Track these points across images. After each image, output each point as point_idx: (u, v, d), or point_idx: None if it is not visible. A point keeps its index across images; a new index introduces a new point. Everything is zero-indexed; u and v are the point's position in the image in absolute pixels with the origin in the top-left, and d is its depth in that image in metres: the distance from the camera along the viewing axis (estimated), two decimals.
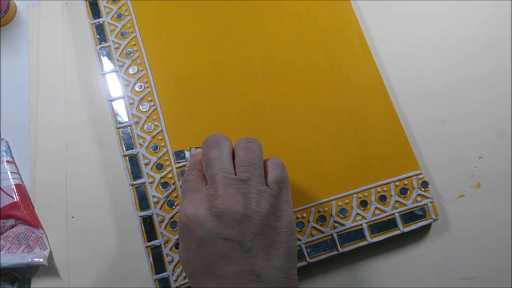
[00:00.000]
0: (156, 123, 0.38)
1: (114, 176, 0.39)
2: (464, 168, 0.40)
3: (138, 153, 0.38)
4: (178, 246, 0.35)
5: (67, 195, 0.39)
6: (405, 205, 0.37)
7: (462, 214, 0.39)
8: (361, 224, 0.36)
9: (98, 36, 0.41)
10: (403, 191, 0.37)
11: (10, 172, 0.39)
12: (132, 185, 0.37)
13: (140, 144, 0.38)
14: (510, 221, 0.38)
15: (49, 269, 0.37)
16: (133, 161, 0.37)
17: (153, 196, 0.36)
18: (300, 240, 0.36)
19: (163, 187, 0.37)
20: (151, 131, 0.38)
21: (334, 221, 0.36)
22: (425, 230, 0.38)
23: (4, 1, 0.43)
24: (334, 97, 0.40)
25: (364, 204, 0.37)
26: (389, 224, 0.36)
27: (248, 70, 0.40)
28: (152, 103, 0.39)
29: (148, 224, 0.36)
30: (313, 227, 0.36)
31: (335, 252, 0.36)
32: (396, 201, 0.37)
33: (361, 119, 0.39)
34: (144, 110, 0.39)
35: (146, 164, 0.37)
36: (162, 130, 0.38)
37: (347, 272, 0.37)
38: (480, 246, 0.38)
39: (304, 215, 0.36)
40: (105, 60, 0.40)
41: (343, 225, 0.36)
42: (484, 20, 0.44)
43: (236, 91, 0.40)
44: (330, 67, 0.41)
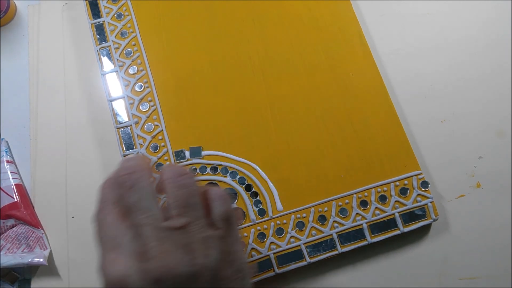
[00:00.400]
0: (156, 123, 0.38)
1: None
2: (464, 168, 0.40)
3: (138, 153, 0.38)
4: None
5: (67, 195, 0.39)
6: (405, 205, 0.37)
7: (462, 214, 0.38)
8: (361, 224, 0.36)
9: (98, 36, 0.41)
10: (403, 191, 0.37)
11: (10, 172, 0.39)
12: None
13: (140, 144, 0.38)
14: (510, 221, 0.38)
15: (49, 269, 0.37)
16: None
17: None
18: (300, 240, 0.36)
19: None
20: (151, 131, 0.38)
21: (334, 221, 0.36)
22: (425, 230, 0.38)
23: (4, 1, 0.43)
24: (334, 97, 0.40)
25: (364, 204, 0.37)
26: (389, 224, 0.36)
27: (248, 70, 0.40)
28: (152, 103, 0.39)
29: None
30: (313, 227, 0.36)
31: (335, 252, 0.36)
32: (396, 201, 0.37)
33: (361, 119, 0.39)
34: (144, 110, 0.39)
35: None
36: (162, 130, 0.38)
37: (347, 272, 0.37)
38: (480, 246, 0.38)
39: (304, 215, 0.36)
40: (105, 60, 0.40)
41: (343, 225, 0.36)
42: (484, 20, 0.44)
43: (236, 91, 0.40)
44: (330, 67, 0.41)
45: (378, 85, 0.40)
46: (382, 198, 0.37)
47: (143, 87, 0.39)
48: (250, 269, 0.23)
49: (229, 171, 0.37)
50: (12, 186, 0.38)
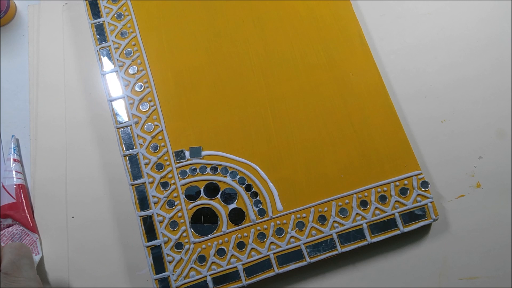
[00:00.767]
0: (156, 123, 0.38)
1: (114, 176, 0.39)
2: (464, 168, 0.40)
3: (138, 153, 0.38)
4: (179, 247, 0.35)
5: (67, 195, 0.39)
6: (405, 205, 0.37)
7: (462, 214, 0.38)
8: (361, 224, 0.36)
9: (98, 36, 0.41)
10: (403, 191, 0.37)
11: (15, 171, 0.39)
12: (132, 185, 0.37)
13: (140, 144, 0.38)
14: (510, 221, 0.38)
15: (49, 269, 0.37)
16: (133, 161, 0.37)
17: (153, 196, 0.36)
18: (300, 240, 0.36)
19: (163, 187, 0.37)
20: (151, 131, 0.38)
21: (334, 221, 0.36)
22: (425, 230, 0.38)
23: (4, 1, 0.43)
24: (334, 97, 0.40)
25: (364, 204, 0.37)
26: (389, 224, 0.36)
27: (248, 70, 0.40)
28: (152, 103, 0.39)
29: (148, 224, 0.36)
30: (313, 227, 0.36)
31: (335, 252, 0.36)
32: (396, 201, 0.37)
33: (361, 119, 0.39)
34: (144, 110, 0.39)
35: (146, 164, 0.37)
36: (162, 130, 0.38)
37: (347, 272, 0.37)
38: (480, 246, 0.38)
39: (304, 215, 0.36)
40: (105, 60, 0.40)
41: (343, 225, 0.36)
42: (484, 20, 0.44)
43: (236, 91, 0.40)
44: (330, 67, 0.41)
45: (378, 85, 0.40)
46: (382, 198, 0.37)
47: (143, 87, 0.39)
48: None
49: (229, 171, 0.37)
50: (15, 186, 0.38)
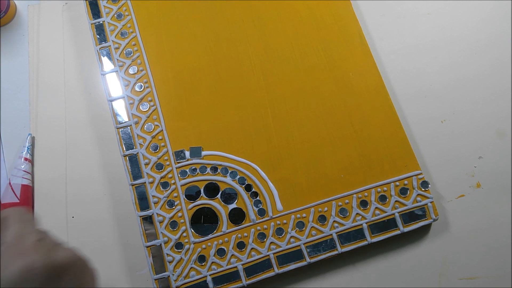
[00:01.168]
0: (156, 123, 0.38)
1: (114, 176, 0.39)
2: (464, 168, 0.40)
3: (138, 153, 0.38)
4: (179, 247, 0.35)
5: (67, 195, 0.39)
6: (405, 205, 0.37)
7: (462, 214, 0.38)
8: (361, 224, 0.36)
9: (98, 36, 0.41)
10: (403, 191, 0.37)
11: (24, 171, 0.39)
12: (132, 185, 0.37)
13: (140, 144, 0.38)
14: (510, 221, 0.38)
15: None
16: (133, 161, 0.37)
17: (153, 196, 0.36)
18: (300, 240, 0.36)
19: (163, 187, 0.37)
20: (151, 131, 0.38)
21: (334, 221, 0.36)
22: (425, 230, 0.38)
23: (4, 1, 0.43)
24: (334, 97, 0.40)
25: (364, 204, 0.37)
26: (389, 224, 0.36)
27: (248, 70, 0.40)
28: (152, 103, 0.39)
29: (148, 224, 0.36)
30: (313, 227, 0.36)
31: (335, 252, 0.36)
32: (396, 201, 0.37)
33: (361, 119, 0.39)
34: (144, 110, 0.39)
35: (146, 164, 0.37)
36: (162, 130, 0.38)
37: (347, 272, 0.37)
38: (480, 246, 0.38)
39: (304, 215, 0.36)
40: (105, 60, 0.40)
41: (343, 225, 0.36)
42: (484, 20, 0.44)
43: (236, 91, 0.40)
44: (330, 67, 0.41)
45: (378, 85, 0.40)
46: (382, 198, 0.37)
47: (143, 87, 0.39)
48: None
49: (229, 171, 0.37)
50: (20, 186, 0.38)
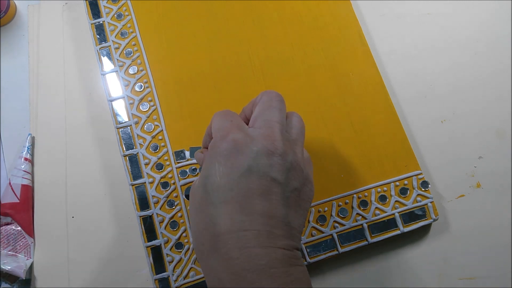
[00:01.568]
0: (156, 123, 0.38)
1: (114, 176, 0.39)
2: (464, 168, 0.40)
3: (138, 153, 0.38)
4: (179, 247, 0.35)
5: (67, 195, 0.39)
6: (405, 205, 0.37)
7: (462, 214, 0.39)
8: (361, 224, 0.36)
9: (98, 36, 0.41)
10: (403, 191, 0.37)
11: (24, 171, 0.39)
12: (132, 185, 0.37)
13: (140, 144, 0.38)
14: (510, 221, 0.38)
15: (49, 269, 0.37)
16: (133, 161, 0.37)
17: (153, 196, 0.36)
18: (300, 240, 0.36)
19: (163, 187, 0.37)
20: (151, 131, 0.38)
21: (334, 221, 0.36)
22: (425, 230, 0.38)
23: (4, 1, 0.43)
24: (334, 97, 0.40)
25: (364, 204, 0.37)
26: (389, 224, 0.36)
27: (248, 70, 0.40)
28: (152, 103, 0.39)
29: (148, 224, 0.36)
30: (313, 227, 0.36)
31: (335, 252, 0.36)
32: (396, 201, 0.37)
33: (361, 119, 0.39)
34: (144, 110, 0.39)
35: (146, 164, 0.37)
36: (162, 130, 0.38)
37: (347, 272, 0.37)
38: (480, 246, 0.38)
39: None
40: (105, 60, 0.40)
41: (343, 225, 0.36)
42: (484, 20, 0.44)
43: (236, 91, 0.40)
44: (330, 67, 0.41)
45: (378, 85, 0.40)
46: (382, 198, 0.37)
47: (143, 87, 0.39)
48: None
49: None
50: (20, 186, 0.38)
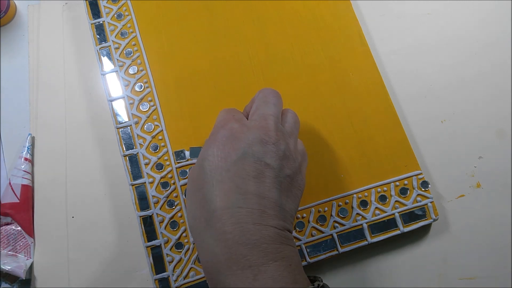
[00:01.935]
0: (156, 123, 0.38)
1: (114, 176, 0.39)
2: (464, 168, 0.40)
3: (138, 153, 0.38)
4: (179, 247, 0.35)
5: (67, 195, 0.39)
6: (405, 205, 0.37)
7: (462, 214, 0.39)
8: (361, 224, 0.36)
9: (98, 36, 0.41)
10: (403, 191, 0.37)
11: (24, 171, 0.39)
12: (132, 185, 0.37)
13: (140, 144, 0.38)
14: (510, 221, 0.38)
15: (49, 269, 0.37)
16: (133, 161, 0.37)
17: (153, 196, 0.36)
18: (300, 240, 0.36)
19: (163, 187, 0.37)
20: (151, 131, 0.38)
21: (334, 221, 0.36)
22: (425, 230, 0.38)
23: (4, 1, 0.43)
24: (334, 97, 0.40)
25: (364, 204, 0.37)
26: (389, 224, 0.36)
27: (248, 70, 0.40)
28: (152, 103, 0.39)
29: (148, 224, 0.36)
30: (313, 227, 0.36)
31: (335, 252, 0.36)
32: (396, 201, 0.37)
33: (361, 119, 0.39)
34: (144, 110, 0.39)
35: (146, 164, 0.37)
36: (162, 130, 0.38)
37: (347, 272, 0.37)
38: (480, 246, 0.38)
39: (304, 215, 0.36)
40: (105, 60, 0.40)
41: (343, 225, 0.36)
42: (484, 20, 0.44)
43: (236, 91, 0.40)
44: (330, 67, 0.41)
45: (378, 85, 0.40)
46: (382, 198, 0.37)
47: (143, 87, 0.39)
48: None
49: None
50: (20, 186, 0.38)
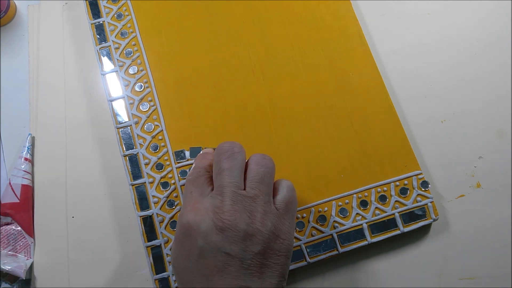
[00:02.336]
0: (156, 123, 0.39)
1: (114, 176, 0.39)
2: (464, 168, 0.40)
3: (138, 153, 0.38)
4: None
5: (67, 195, 0.39)
6: (405, 205, 0.37)
7: (462, 214, 0.39)
8: (361, 224, 0.36)
9: (98, 36, 0.41)
10: (403, 191, 0.37)
11: (24, 171, 0.39)
12: (132, 185, 0.37)
13: (140, 144, 0.38)
14: (510, 221, 0.38)
15: (49, 269, 0.37)
16: (133, 161, 0.37)
17: (153, 196, 0.36)
18: (300, 240, 0.36)
19: (163, 187, 0.37)
20: (151, 131, 0.38)
21: (334, 221, 0.36)
22: (425, 230, 0.38)
23: (4, 1, 0.43)
24: (334, 97, 0.40)
25: (364, 204, 0.37)
26: (389, 224, 0.36)
27: (248, 70, 0.40)
28: (152, 103, 0.39)
29: (148, 224, 0.36)
30: (313, 227, 0.36)
31: (335, 252, 0.36)
32: (396, 201, 0.37)
33: (361, 119, 0.39)
34: (144, 110, 0.39)
35: (146, 164, 0.37)
36: (162, 130, 0.38)
37: (347, 272, 0.37)
38: (480, 246, 0.38)
39: (304, 215, 0.36)
40: (105, 60, 0.40)
41: (343, 225, 0.36)
42: (484, 20, 0.44)
43: (236, 91, 0.40)
44: (330, 67, 0.41)
45: (378, 85, 0.40)
46: (382, 198, 0.37)
47: (143, 87, 0.39)
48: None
49: None
50: (20, 186, 0.38)
